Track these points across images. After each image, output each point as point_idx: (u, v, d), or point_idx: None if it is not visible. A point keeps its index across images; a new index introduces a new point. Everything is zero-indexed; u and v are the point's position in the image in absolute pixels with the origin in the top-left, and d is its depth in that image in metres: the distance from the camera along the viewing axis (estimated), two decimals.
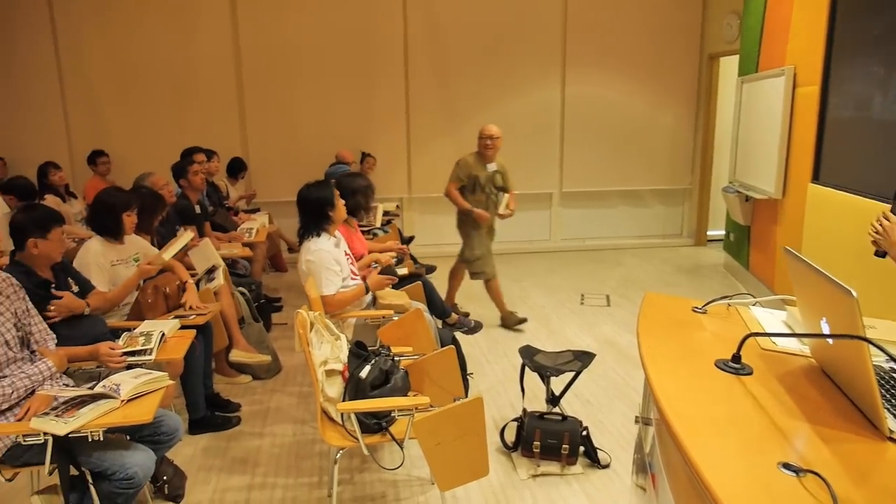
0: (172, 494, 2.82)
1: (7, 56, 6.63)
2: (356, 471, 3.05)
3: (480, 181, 4.77)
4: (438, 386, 2.76)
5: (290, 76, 6.97)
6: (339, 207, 3.34)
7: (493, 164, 4.84)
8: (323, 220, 3.27)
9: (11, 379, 2.20)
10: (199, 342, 3.16)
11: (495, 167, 4.86)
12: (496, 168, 4.86)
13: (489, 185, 4.82)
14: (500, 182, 4.88)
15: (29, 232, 2.72)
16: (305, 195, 3.30)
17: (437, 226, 7.52)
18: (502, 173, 4.90)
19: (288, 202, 7.00)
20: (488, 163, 4.83)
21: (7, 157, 6.56)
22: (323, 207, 3.28)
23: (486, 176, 4.80)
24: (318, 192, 3.30)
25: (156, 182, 4.11)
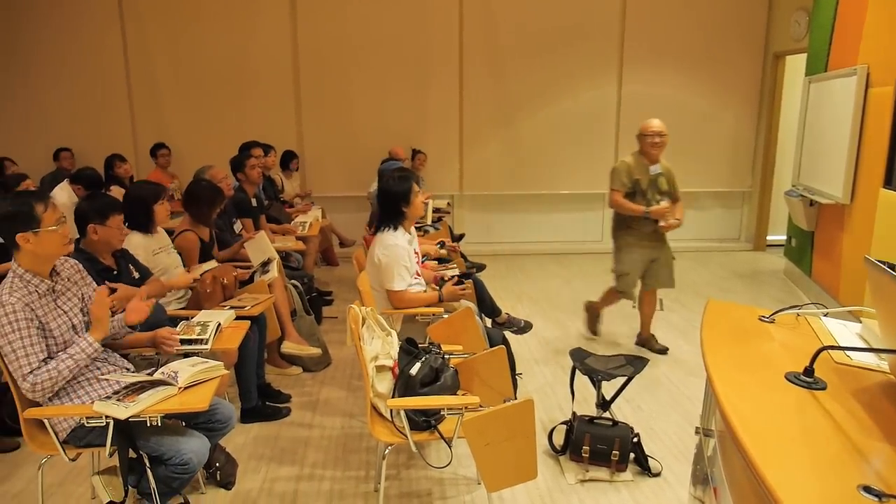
0: (224, 481, 2.88)
1: (79, 53, 6.90)
2: (403, 467, 3.05)
3: (642, 186, 4.17)
4: (488, 386, 2.73)
5: (346, 73, 7.05)
6: (414, 204, 3.33)
7: (656, 167, 4.22)
8: (398, 215, 3.27)
9: (55, 362, 2.25)
10: (254, 333, 3.21)
11: (659, 169, 4.23)
12: (660, 171, 4.23)
13: (652, 190, 4.19)
14: (665, 186, 4.25)
15: (89, 218, 2.83)
16: (386, 187, 3.31)
17: (488, 224, 7.50)
18: (667, 176, 4.28)
19: (341, 197, 7.18)
20: (652, 164, 4.21)
21: (75, 149, 6.83)
22: (398, 202, 3.28)
23: (649, 180, 4.19)
24: (398, 185, 3.29)
25: (215, 175, 4.20)
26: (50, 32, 6.86)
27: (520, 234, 7.54)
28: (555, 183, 7.35)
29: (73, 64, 6.92)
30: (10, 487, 2.92)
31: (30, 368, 2.18)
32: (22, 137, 6.88)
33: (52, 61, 6.91)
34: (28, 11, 6.81)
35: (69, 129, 6.98)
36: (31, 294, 2.27)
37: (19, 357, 2.17)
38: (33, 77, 6.94)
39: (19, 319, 2.19)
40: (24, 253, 2.29)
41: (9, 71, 6.92)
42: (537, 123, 7.23)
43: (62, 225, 2.31)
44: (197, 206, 3.74)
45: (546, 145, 7.27)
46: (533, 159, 7.29)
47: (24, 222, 2.24)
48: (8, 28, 6.83)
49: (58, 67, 6.92)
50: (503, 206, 7.50)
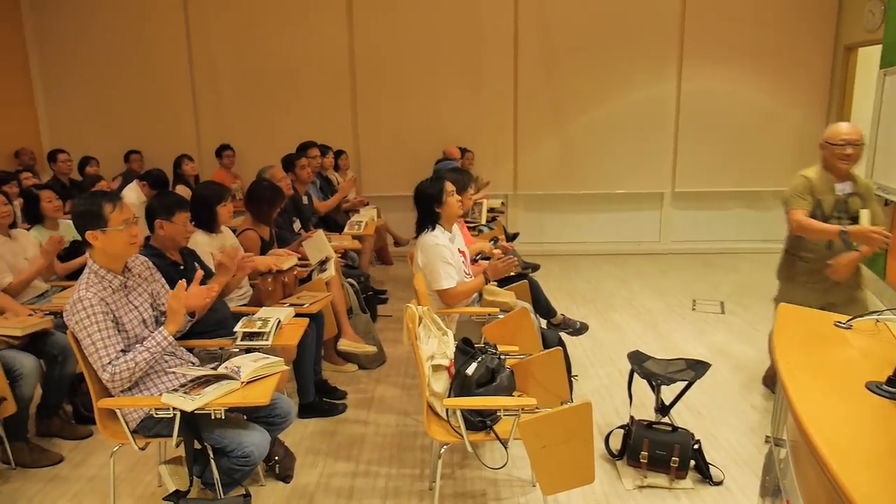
0: (283, 475, 2.94)
1: (147, 59, 7.17)
2: (457, 466, 3.05)
3: (824, 209, 3.29)
4: (544, 387, 2.71)
5: (401, 73, 7.10)
6: (448, 204, 3.35)
7: (845, 184, 3.29)
8: (433, 215, 3.30)
9: (132, 354, 2.35)
10: (312, 330, 3.27)
11: (849, 188, 3.28)
12: (851, 189, 3.28)
13: (838, 214, 3.29)
14: (856, 208, 3.25)
15: (157, 214, 2.95)
16: (418, 189, 3.39)
17: (542, 223, 7.44)
18: (862, 195, 3.29)
19: (396, 197, 7.23)
20: (840, 181, 3.30)
21: (144, 151, 7.11)
22: (430, 204, 3.32)
23: (835, 201, 3.29)
24: (428, 187, 3.37)
25: (275, 175, 4.30)
26: (121, 41, 7.15)
27: (574, 234, 7.44)
28: (610, 182, 7.22)
29: (142, 69, 7.20)
30: (84, 472, 3.06)
31: (108, 359, 2.28)
32: (97, 140, 7.19)
33: (123, 68, 7.20)
34: (101, 22, 7.12)
35: (139, 132, 7.26)
36: (105, 289, 2.38)
37: (98, 349, 2.27)
38: (107, 83, 7.24)
39: (97, 313, 2.29)
40: (95, 250, 2.40)
41: (85, 77, 7.25)
42: (592, 122, 7.12)
43: (129, 225, 2.40)
44: (258, 205, 3.83)
45: (601, 144, 7.15)
46: (588, 158, 7.19)
47: (92, 221, 2.35)
48: (84, 38, 7.16)
49: (128, 73, 7.21)
50: (557, 205, 7.42)
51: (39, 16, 7.19)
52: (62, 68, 7.27)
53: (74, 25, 7.15)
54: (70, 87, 7.31)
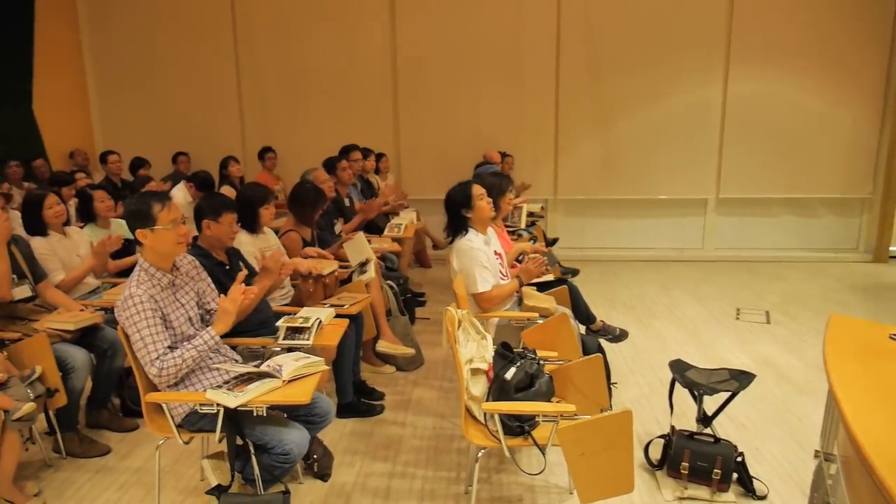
0: (321, 473, 2.98)
1: (195, 63, 7.38)
2: (494, 471, 3.04)
3: None
4: (582, 394, 2.68)
5: (442, 77, 7.13)
6: (478, 207, 3.34)
7: None
8: (463, 220, 3.31)
9: (180, 351, 2.41)
10: (351, 331, 3.30)
11: None
12: None
13: None
14: None
15: (204, 214, 3.02)
16: (447, 196, 3.41)
17: (581, 228, 7.37)
18: None
19: (435, 200, 7.20)
20: None
21: (191, 152, 7.30)
22: (458, 209, 3.32)
23: None
24: (456, 192, 3.39)
25: (318, 177, 4.36)
26: (171, 46, 7.37)
27: (614, 240, 7.35)
28: (652, 187, 7.12)
29: (191, 73, 7.41)
30: (130, 463, 3.15)
31: (156, 355, 2.34)
32: (147, 141, 7.42)
33: (172, 72, 7.42)
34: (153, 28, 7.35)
35: (186, 134, 7.47)
36: (154, 287, 2.45)
37: (147, 344, 2.34)
38: (157, 86, 7.47)
39: (146, 310, 2.36)
40: (146, 248, 2.48)
41: (137, 81, 7.49)
42: (635, 126, 7.03)
43: (177, 225, 2.46)
44: (301, 207, 3.90)
45: (644, 148, 7.05)
46: (630, 163, 7.10)
47: (142, 220, 2.42)
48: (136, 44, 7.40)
49: (177, 77, 7.43)
50: (598, 210, 7.35)
51: (95, 22, 7.46)
52: (115, 72, 7.53)
53: (127, 31, 7.40)
54: (122, 91, 7.56)
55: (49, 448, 3.22)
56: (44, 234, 3.60)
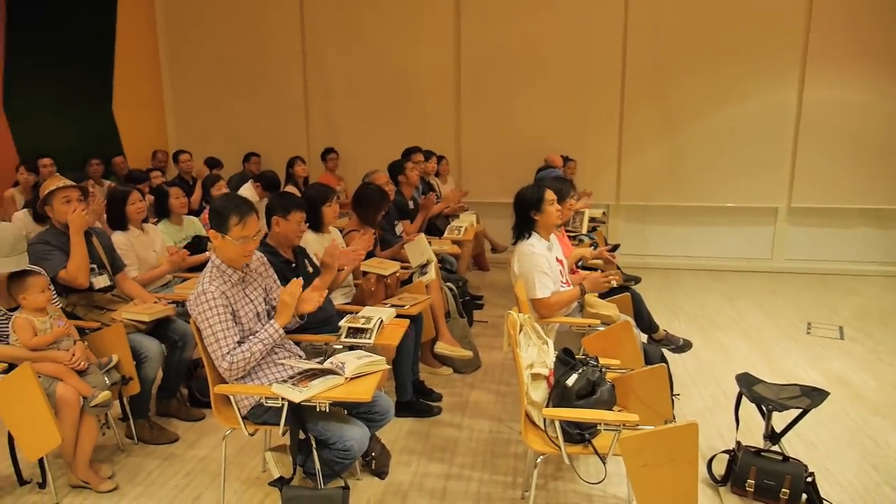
0: (378, 470, 3.02)
1: (264, 66, 7.60)
2: (550, 478, 3.01)
3: None
4: (645, 404, 2.62)
5: (505, 80, 7.12)
6: (546, 212, 3.33)
7: None
8: (529, 222, 3.30)
9: (248, 345, 2.49)
10: (411, 331, 3.33)
11: None
12: None
13: None
14: None
15: (274, 212, 3.10)
16: (517, 195, 3.41)
17: (644, 235, 7.22)
18: None
19: (495, 203, 7.25)
20: None
21: (256, 152, 7.52)
22: (527, 210, 3.31)
23: None
24: (528, 193, 3.38)
25: (379, 179, 4.43)
26: (241, 50, 7.61)
27: (678, 248, 7.16)
28: (719, 195, 6.90)
29: (260, 76, 7.63)
30: (196, 452, 3.27)
31: (228, 349, 2.43)
32: (217, 141, 7.69)
33: (242, 74, 7.67)
34: (225, 33, 7.62)
35: (254, 134, 7.70)
36: (225, 283, 2.53)
37: (219, 339, 2.42)
38: (227, 88, 7.74)
39: (218, 305, 2.45)
40: (216, 247, 2.57)
41: (208, 83, 7.78)
42: (703, 131, 6.83)
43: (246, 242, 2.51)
44: (364, 208, 3.96)
45: (712, 154, 6.84)
46: (696, 169, 6.90)
47: (218, 223, 2.52)
48: (209, 48, 7.68)
49: (247, 80, 7.67)
50: (661, 217, 7.18)
51: (171, 28, 7.79)
52: (189, 75, 7.84)
53: (202, 37, 7.69)
54: (195, 93, 7.87)
55: (122, 434, 3.37)
56: (124, 229, 3.78)
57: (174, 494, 2.90)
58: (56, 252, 3.17)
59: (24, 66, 6.24)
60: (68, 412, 2.76)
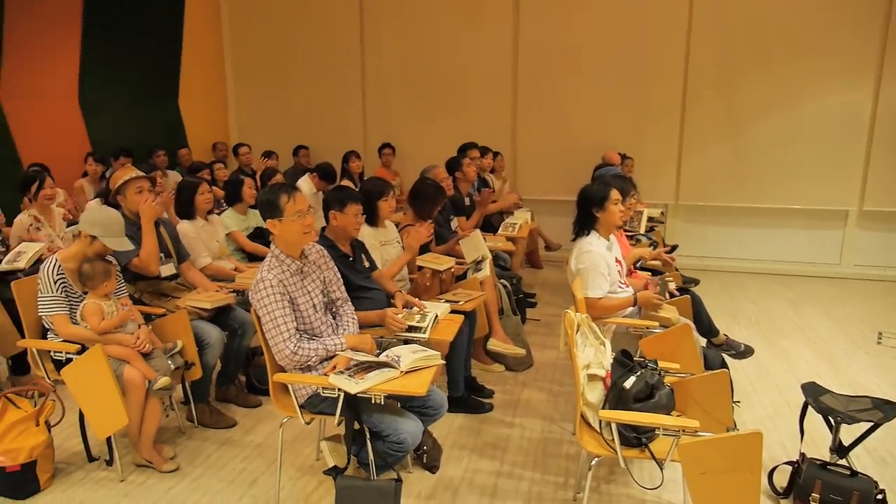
0: (429, 465, 3.03)
1: (324, 63, 7.72)
2: (603, 480, 2.97)
3: None
4: (704, 410, 2.55)
5: (564, 76, 7.03)
6: (609, 211, 3.27)
7: None
8: (590, 219, 3.25)
9: (316, 344, 2.55)
10: (465, 327, 3.33)
11: None
12: None
13: None
14: None
15: (331, 205, 3.15)
16: (582, 190, 3.35)
17: (703, 236, 7.03)
18: None
19: (550, 201, 7.18)
20: None
21: (313, 146, 7.65)
22: (590, 206, 3.26)
23: None
24: (593, 190, 3.32)
25: (437, 174, 4.43)
26: (302, 47, 7.76)
27: (739, 250, 6.94)
28: (785, 196, 6.64)
29: (319, 73, 7.76)
30: (253, 438, 3.35)
31: (287, 335, 2.48)
32: (275, 135, 7.87)
33: (302, 71, 7.81)
34: (286, 30, 7.77)
35: (312, 129, 7.84)
36: (284, 272, 2.58)
37: (278, 325, 2.48)
38: (287, 84, 7.91)
39: (276, 293, 2.50)
40: (276, 237, 2.63)
41: (269, 79, 7.96)
42: (769, 130, 6.59)
43: (302, 216, 2.58)
44: (421, 202, 3.98)
45: (778, 154, 6.59)
46: (761, 169, 6.66)
47: (271, 210, 2.57)
48: (271, 45, 7.86)
49: (306, 76, 7.81)
50: (722, 218, 6.96)
51: (235, 25, 8.00)
52: (251, 71, 8.04)
53: (264, 33, 7.88)
54: (256, 88, 8.06)
55: (184, 417, 3.49)
56: (191, 218, 3.90)
57: (232, 477, 2.99)
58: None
59: (98, 62, 6.51)
60: (134, 394, 2.86)
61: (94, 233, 2.90)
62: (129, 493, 2.85)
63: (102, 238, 2.91)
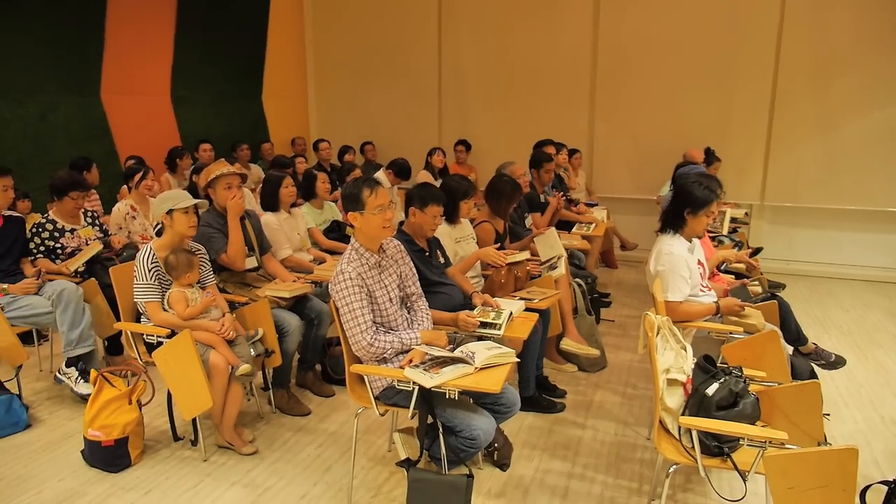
0: (500, 462, 3.02)
1: (402, 61, 7.83)
2: (679, 489, 2.87)
3: None
4: (792, 422, 2.43)
5: (644, 72, 6.84)
6: (699, 220, 3.10)
7: None
8: (680, 220, 3.13)
9: (392, 337, 2.58)
10: (539, 325, 3.29)
11: None
12: None
13: None
14: None
15: (413, 202, 3.17)
16: (687, 187, 3.14)
17: (790, 239, 6.69)
18: None
19: (627, 199, 7.02)
20: None
21: (384, 141, 7.77)
22: (685, 206, 3.12)
23: None
24: (696, 190, 3.10)
25: (514, 171, 4.40)
26: (382, 45, 7.88)
27: (830, 254, 6.56)
28: (881, 198, 6.23)
29: (396, 70, 7.87)
30: (327, 426, 3.44)
31: (365, 326, 2.52)
32: (352, 130, 8.03)
33: (381, 68, 7.94)
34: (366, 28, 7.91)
35: (389, 125, 7.97)
36: (363, 266, 2.63)
37: (356, 317, 2.53)
38: (365, 81, 8.06)
39: (354, 286, 2.55)
40: (356, 230, 2.67)
41: (348, 76, 8.13)
42: (864, 129, 6.19)
43: (383, 210, 2.61)
44: (497, 199, 3.96)
45: (873, 155, 6.19)
46: (856, 169, 6.27)
47: (353, 204, 2.61)
48: (350, 43, 8.02)
49: (384, 73, 7.94)
50: (812, 219, 6.61)
51: (318, 24, 8.22)
52: (331, 68, 8.24)
53: (345, 32, 8.05)
54: (336, 85, 8.25)
55: (263, 403, 3.61)
56: (275, 211, 4.04)
57: (307, 463, 3.07)
58: (218, 235, 3.45)
59: (188, 60, 6.82)
60: (219, 378, 2.99)
61: (167, 207, 3.05)
62: (210, 473, 2.98)
63: (175, 208, 3.04)
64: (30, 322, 3.57)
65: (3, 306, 3.48)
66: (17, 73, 5.32)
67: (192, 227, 3.11)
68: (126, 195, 4.74)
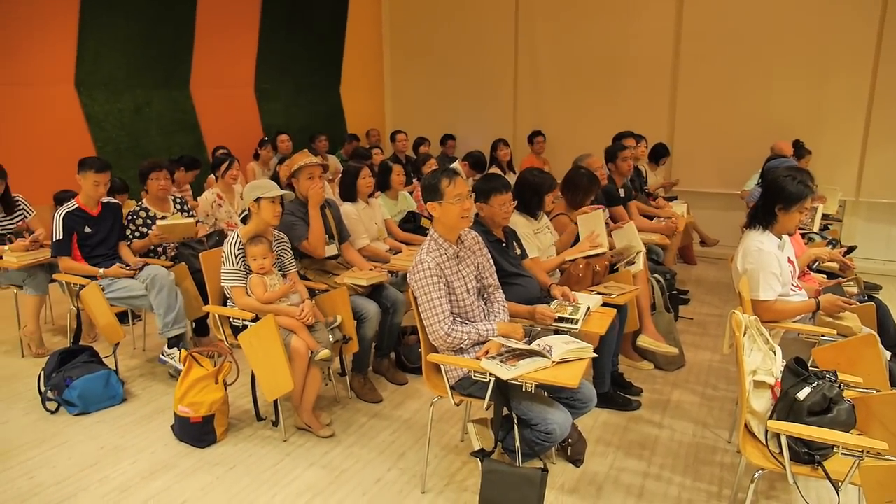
0: (574, 458, 2.99)
1: (478, 53, 7.83)
2: (763, 495, 2.76)
3: None
4: (891, 432, 2.28)
5: (730, 63, 6.57)
6: (791, 216, 2.95)
7: None
8: (770, 215, 2.98)
9: (469, 328, 2.59)
10: (616, 321, 3.23)
11: None
12: None
13: None
14: None
15: (476, 196, 3.16)
16: (775, 177, 3.01)
17: (888, 237, 6.29)
18: None
19: (708, 193, 6.76)
20: None
21: (460, 134, 7.77)
22: (776, 202, 2.98)
23: None
24: (791, 185, 2.94)
25: (592, 164, 4.32)
26: (458, 38, 7.90)
27: None
28: None
29: (473, 62, 7.87)
30: (401, 414, 3.49)
31: (443, 316, 2.55)
32: (427, 122, 8.09)
33: (457, 61, 7.96)
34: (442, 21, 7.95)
35: (463, 116, 7.98)
36: (441, 256, 2.65)
37: (434, 307, 2.55)
38: (440, 74, 8.11)
39: (432, 275, 2.57)
40: (436, 220, 2.69)
41: (423, 69, 8.20)
42: None
43: (461, 200, 2.62)
44: (574, 192, 3.90)
45: None
46: None
47: (432, 193, 2.63)
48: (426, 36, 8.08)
49: (461, 65, 7.95)
50: None
51: (394, 20, 8.35)
52: (407, 61, 8.33)
53: (421, 26, 8.13)
54: (411, 77, 8.34)
55: (340, 388, 3.71)
56: (353, 201, 4.13)
57: (382, 448, 3.13)
58: (300, 223, 3.55)
59: (271, 54, 7.05)
60: (299, 362, 3.09)
61: (255, 195, 3.15)
62: (290, 453, 3.09)
63: (263, 196, 3.15)
64: (126, 303, 3.80)
65: (104, 287, 3.71)
66: (115, 68, 5.64)
67: (276, 216, 3.21)
68: (213, 184, 4.95)
